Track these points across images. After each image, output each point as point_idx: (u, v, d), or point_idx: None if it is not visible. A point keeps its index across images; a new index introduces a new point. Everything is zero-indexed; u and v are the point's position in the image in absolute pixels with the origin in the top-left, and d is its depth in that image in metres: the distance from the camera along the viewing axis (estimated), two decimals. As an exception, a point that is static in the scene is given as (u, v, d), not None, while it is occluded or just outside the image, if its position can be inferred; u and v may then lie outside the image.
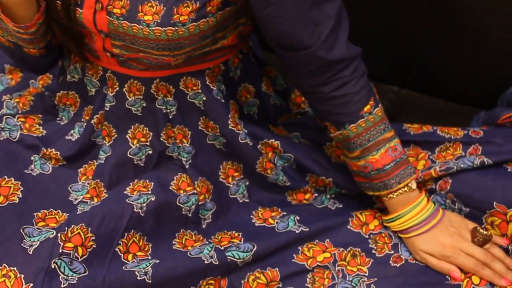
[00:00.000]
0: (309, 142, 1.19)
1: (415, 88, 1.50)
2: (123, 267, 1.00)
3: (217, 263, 1.03)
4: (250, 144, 1.12)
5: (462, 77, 1.42)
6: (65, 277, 0.97)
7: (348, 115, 1.04)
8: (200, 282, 1.04)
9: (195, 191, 1.10)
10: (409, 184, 1.07)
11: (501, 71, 1.36)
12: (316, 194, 1.19)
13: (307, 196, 1.19)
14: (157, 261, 1.02)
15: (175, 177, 1.11)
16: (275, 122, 1.21)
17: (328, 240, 1.10)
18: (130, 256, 1.03)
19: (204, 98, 1.10)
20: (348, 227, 1.12)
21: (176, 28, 0.97)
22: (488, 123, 1.29)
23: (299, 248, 1.09)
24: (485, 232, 1.07)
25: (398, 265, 1.08)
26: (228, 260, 1.04)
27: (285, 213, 1.14)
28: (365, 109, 1.04)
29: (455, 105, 1.45)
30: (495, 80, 1.35)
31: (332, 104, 1.04)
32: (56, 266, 0.97)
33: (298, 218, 1.12)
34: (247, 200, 1.16)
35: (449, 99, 1.46)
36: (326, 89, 1.02)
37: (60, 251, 0.98)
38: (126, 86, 1.08)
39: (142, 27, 0.97)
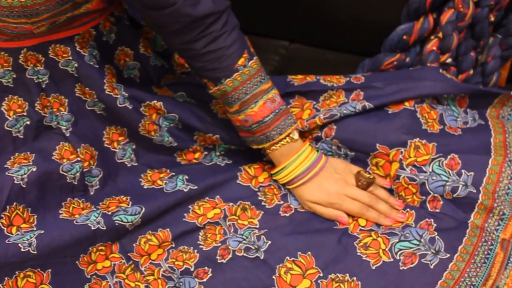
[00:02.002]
0: (195, 101, 1.19)
1: (304, 41, 1.51)
2: (6, 241, 0.99)
3: (104, 228, 1.03)
4: (130, 107, 1.11)
5: (347, 26, 1.44)
6: None
7: (222, 70, 1.04)
8: (90, 249, 1.03)
9: (78, 159, 1.09)
10: (291, 135, 1.08)
11: (383, 17, 1.38)
12: (205, 153, 1.19)
13: (196, 155, 1.19)
14: (42, 232, 1.00)
15: (57, 147, 1.09)
16: (159, 83, 1.21)
17: (218, 196, 1.11)
18: (14, 229, 1.01)
19: (76, 65, 1.08)
20: (237, 181, 1.13)
21: None
22: (372, 70, 1.32)
23: (189, 207, 1.09)
24: (368, 175, 1.09)
25: (287, 215, 1.09)
26: (116, 224, 1.04)
27: (173, 174, 1.14)
28: (239, 62, 1.04)
29: (342, 55, 1.47)
30: (378, 28, 1.37)
31: (206, 60, 1.04)
32: None
33: (186, 177, 1.12)
34: (136, 164, 1.16)
35: (336, 50, 1.48)
36: (198, 45, 1.02)
37: None
38: None
39: None
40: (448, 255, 1.01)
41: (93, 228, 1.02)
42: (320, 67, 1.42)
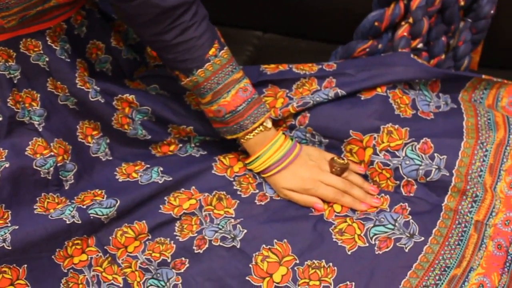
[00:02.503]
0: (168, 93, 1.19)
1: (278, 31, 1.51)
2: None
3: (79, 222, 1.02)
4: (102, 101, 1.11)
5: (319, 15, 1.44)
6: None
7: (194, 61, 1.04)
8: (66, 243, 1.03)
9: (52, 153, 1.08)
10: (264, 123, 1.09)
11: (355, 5, 1.38)
12: (180, 145, 1.19)
13: (171, 147, 1.19)
14: (16, 227, 1.00)
15: (30, 142, 1.08)
16: (131, 76, 1.20)
17: (193, 187, 1.11)
18: None
19: (47, 59, 1.07)
20: (213, 172, 1.13)
21: None
22: (345, 57, 1.32)
23: (165, 198, 1.09)
24: (341, 161, 1.10)
25: (263, 203, 1.10)
26: (91, 217, 1.03)
27: (148, 166, 1.13)
28: (210, 52, 1.04)
29: (316, 43, 1.47)
30: (350, 15, 1.38)
31: (177, 51, 1.04)
32: None
33: (161, 169, 1.12)
34: (110, 158, 1.15)
35: (310, 38, 1.48)
36: (168, 36, 1.02)
37: None
38: None
39: None
40: (423, 238, 1.02)
41: (68, 222, 1.02)
42: (294, 56, 1.42)
